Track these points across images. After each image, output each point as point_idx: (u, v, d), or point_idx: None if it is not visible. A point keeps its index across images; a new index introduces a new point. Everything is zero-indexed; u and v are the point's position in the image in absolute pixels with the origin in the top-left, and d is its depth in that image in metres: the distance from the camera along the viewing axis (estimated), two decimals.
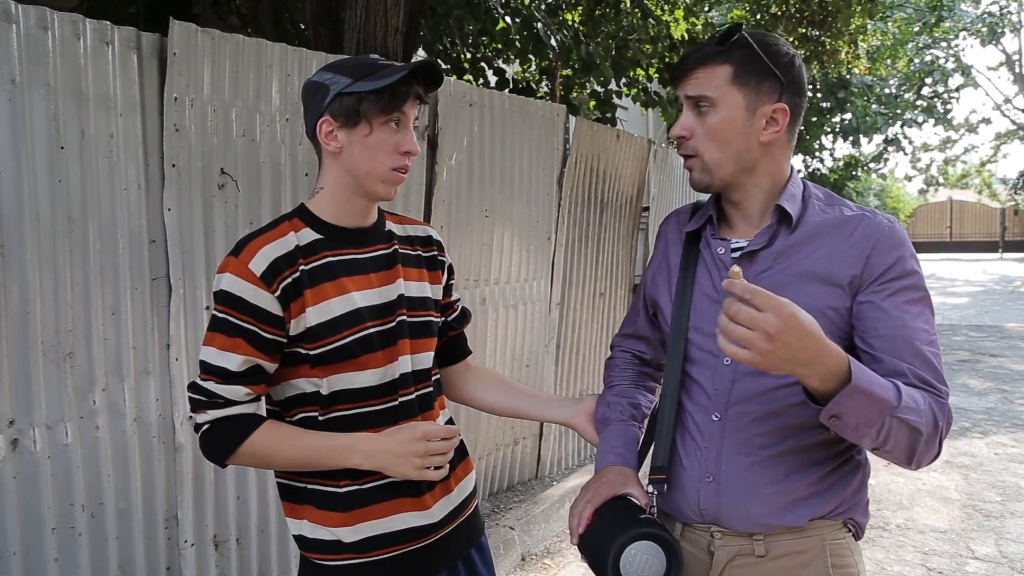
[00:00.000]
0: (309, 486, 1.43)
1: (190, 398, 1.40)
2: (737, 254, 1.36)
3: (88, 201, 2.28)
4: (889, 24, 13.12)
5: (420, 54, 5.87)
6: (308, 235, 1.42)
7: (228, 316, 1.35)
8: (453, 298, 1.69)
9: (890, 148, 16.27)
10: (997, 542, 3.84)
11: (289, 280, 1.37)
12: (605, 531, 1.32)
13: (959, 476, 4.85)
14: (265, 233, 1.40)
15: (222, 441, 1.38)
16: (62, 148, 2.21)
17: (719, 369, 1.35)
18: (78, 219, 2.26)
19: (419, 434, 1.39)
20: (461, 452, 1.62)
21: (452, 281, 1.67)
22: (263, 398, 1.44)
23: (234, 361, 1.35)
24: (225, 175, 2.59)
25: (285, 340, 1.38)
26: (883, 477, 4.84)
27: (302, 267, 1.38)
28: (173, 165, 2.44)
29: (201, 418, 1.38)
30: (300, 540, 1.46)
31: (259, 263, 1.35)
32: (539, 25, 5.46)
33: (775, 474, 1.31)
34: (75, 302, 2.26)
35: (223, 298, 1.36)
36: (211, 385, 1.36)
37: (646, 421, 1.58)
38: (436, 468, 1.43)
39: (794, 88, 1.33)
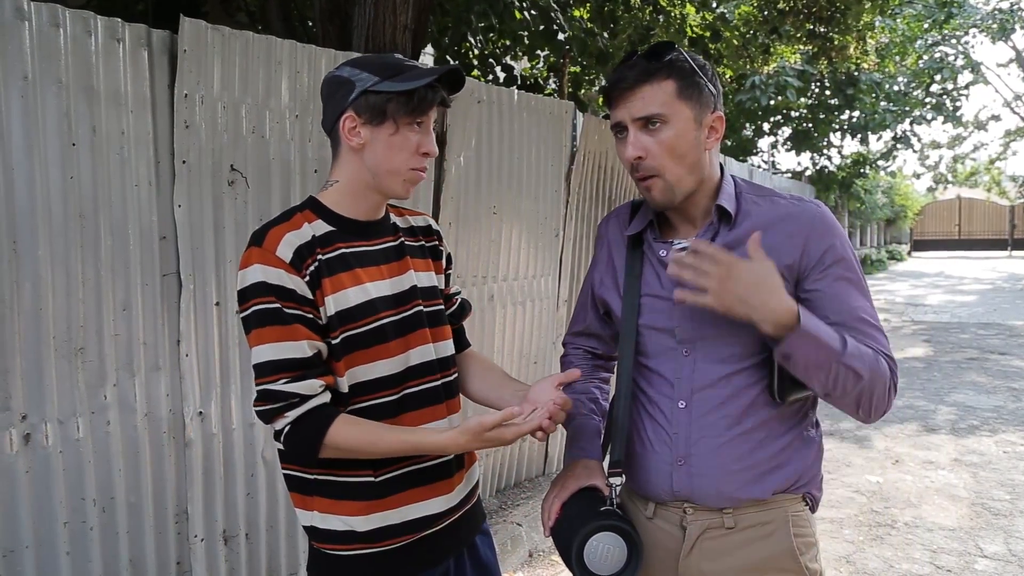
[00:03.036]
0: (320, 477, 1.43)
1: (262, 411, 1.35)
2: (682, 255, 1.42)
3: (99, 197, 2.29)
4: (898, 20, 13.06)
5: (428, 51, 5.88)
6: (321, 227, 1.42)
7: (273, 305, 1.33)
8: (452, 290, 1.69)
9: (899, 145, 16.21)
10: (1006, 540, 3.83)
11: (313, 267, 1.37)
12: (570, 524, 1.40)
13: (968, 474, 4.83)
14: (283, 223, 1.40)
15: (308, 439, 1.33)
16: (74, 145, 2.22)
17: (679, 360, 1.43)
18: (89, 215, 2.27)
19: (476, 425, 1.29)
20: None
21: (450, 271, 1.68)
22: (329, 391, 1.39)
23: (299, 348, 1.33)
24: (235, 172, 2.60)
25: (324, 323, 1.37)
26: (891, 475, 4.83)
27: (320, 257, 1.38)
28: (183, 161, 2.46)
29: (279, 423, 1.34)
30: (311, 531, 1.46)
31: (285, 250, 1.35)
32: (558, 16, 5.46)
33: (740, 451, 1.40)
34: (86, 298, 2.28)
35: (263, 289, 1.33)
36: (283, 386, 1.32)
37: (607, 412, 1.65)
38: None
39: (721, 97, 1.42)
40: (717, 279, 1.26)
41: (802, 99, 12.74)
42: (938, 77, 17.92)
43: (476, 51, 6.22)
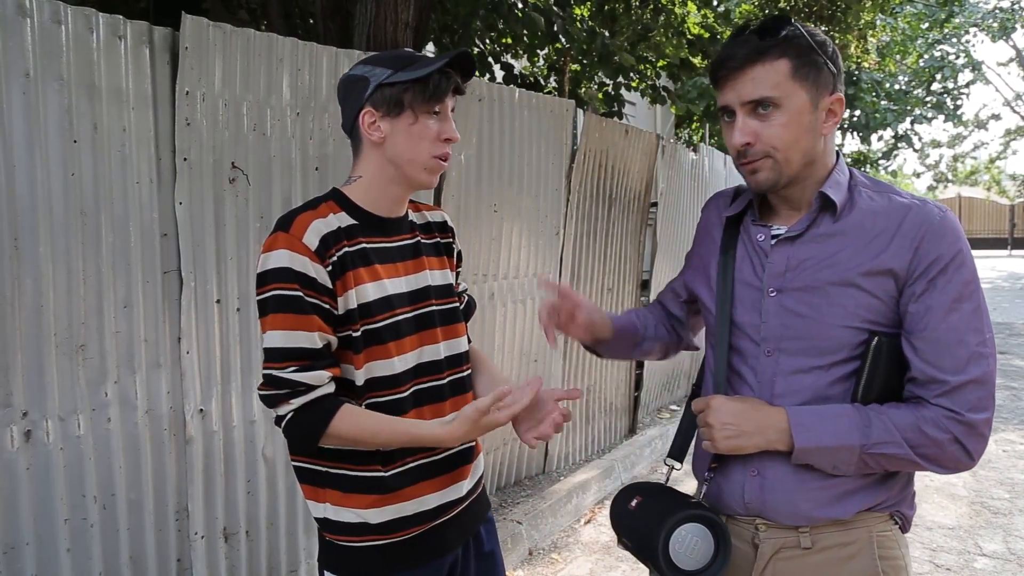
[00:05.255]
0: (332, 470, 1.44)
1: (266, 396, 1.36)
2: (774, 241, 1.34)
3: (101, 194, 2.29)
4: (898, 19, 13.05)
5: (429, 48, 5.87)
6: (345, 219, 1.43)
7: (294, 292, 1.33)
8: (460, 287, 1.70)
9: (900, 144, 16.19)
10: (1005, 539, 3.83)
11: (336, 257, 1.38)
12: (653, 513, 1.34)
13: (967, 473, 4.83)
14: (310, 210, 1.41)
15: (310, 427, 1.35)
16: (75, 142, 2.22)
17: (761, 360, 1.33)
18: (91, 212, 2.27)
19: (473, 411, 1.35)
20: None
21: (460, 268, 1.69)
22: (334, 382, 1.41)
23: (311, 339, 1.34)
24: (236, 169, 2.60)
25: (340, 314, 1.38)
26: None
27: (346, 248, 1.40)
28: (185, 159, 2.46)
29: (283, 409, 1.35)
30: (324, 522, 1.47)
31: (312, 237, 1.36)
32: (558, 18, 5.45)
33: (822, 470, 1.29)
34: (88, 295, 2.28)
35: (284, 275, 1.33)
36: (291, 374, 1.33)
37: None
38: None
39: (841, 77, 1.30)
40: (704, 422, 1.31)
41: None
42: (939, 76, 17.88)
43: (476, 50, 6.21)
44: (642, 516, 1.37)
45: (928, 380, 1.23)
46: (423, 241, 1.55)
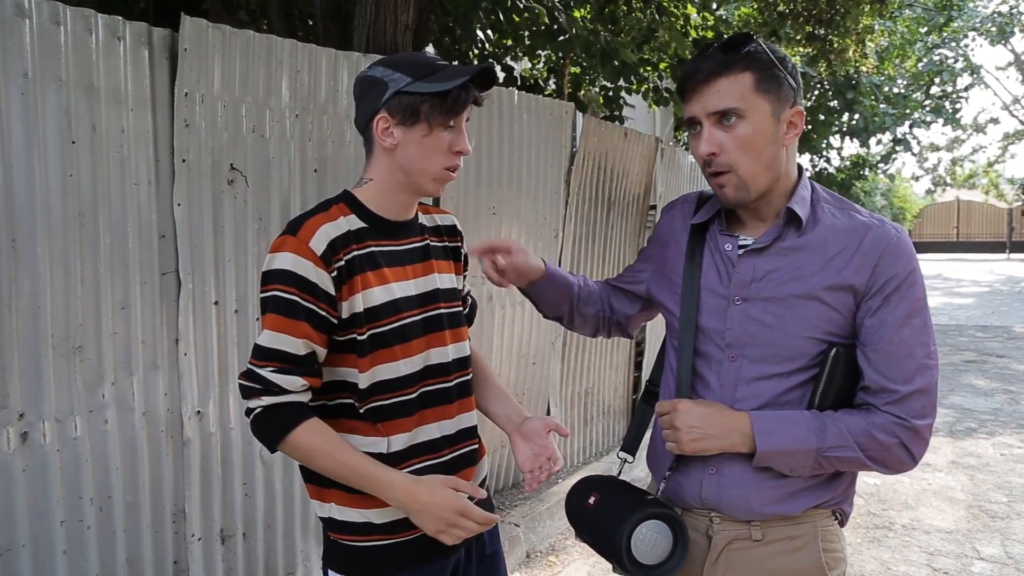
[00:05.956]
0: None
1: (242, 386, 1.39)
2: (741, 251, 1.40)
3: (99, 196, 2.29)
4: (897, 24, 13.07)
5: (428, 50, 5.88)
6: (356, 222, 1.44)
7: (291, 296, 1.35)
8: (465, 291, 1.71)
9: (898, 148, 16.21)
10: (1003, 543, 3.83)
11: (343, 262, 1.38)
12: (613, 512, 1.40)
13: (965, 477, 4.84)
14: (320, 213, 1.41)
15: (273, 427, 1.37)
16: (73, 143, 2.21)
17: (725, 365, 1.40)
18: (89, 213, 2.27)
19: (459, 507, 1.37)
20: (475, 436, 1.64)
21: (467, 272, 1.70)
22: (311, 392, 1.42)
23: (295, 344, 1.35)
24: (235, 171, 2.60)
25: (336, 322, 1.39)
26: (888, 477, 4.83)
27: (355, 252, 1.40)
28: (183, 160, 2.45)
29: (253, 403, 1.38)
30: (328, 522, 1.48)
31: (319, 242, 1.36)
32: (560, 16, 5.46)
33: (776, 470, 1.36)
34: (85, 296, 2.27)
35: (284, 277, 1.35)
36: (268, 373, 1.35)
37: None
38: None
39: (800, 92, 1.37)
40: (670, 424, 1.36)
41: (803, 101, 12.78)
42: (937, 80, 17.92)
43: (476, 51, 6.21)
44: (602, 515, 1.43)
45: (879, 389, 1.31)
46: (432, 244, 1.56)
